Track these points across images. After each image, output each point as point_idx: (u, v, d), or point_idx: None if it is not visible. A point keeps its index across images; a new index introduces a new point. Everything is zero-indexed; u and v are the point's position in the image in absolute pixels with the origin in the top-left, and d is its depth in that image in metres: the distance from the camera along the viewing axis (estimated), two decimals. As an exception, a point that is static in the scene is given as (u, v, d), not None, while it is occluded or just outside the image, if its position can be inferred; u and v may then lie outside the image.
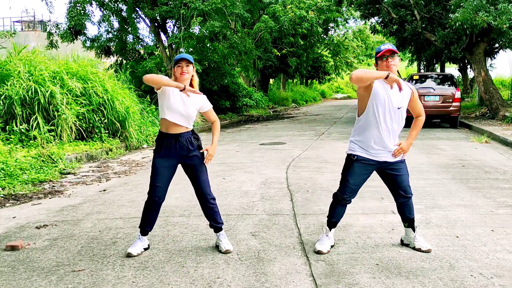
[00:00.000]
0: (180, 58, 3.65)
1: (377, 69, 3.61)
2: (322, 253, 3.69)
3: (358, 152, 3.64)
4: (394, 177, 3.70)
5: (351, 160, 3.67)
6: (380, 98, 3.51)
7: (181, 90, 3.60)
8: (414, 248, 3.74)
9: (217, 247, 3.88)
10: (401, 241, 3.92)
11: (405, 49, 21.82)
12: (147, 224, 3.82)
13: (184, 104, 3.68)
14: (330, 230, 3.86)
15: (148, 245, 3.91)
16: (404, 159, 3.76)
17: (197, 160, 3.75)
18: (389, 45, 3.54)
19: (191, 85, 3.75)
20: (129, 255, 3.71)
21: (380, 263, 3.51)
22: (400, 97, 3.56)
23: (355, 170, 3.65)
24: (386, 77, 3.41)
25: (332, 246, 3.84)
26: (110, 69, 15.39)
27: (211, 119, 3.93)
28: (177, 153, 3.70)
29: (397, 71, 3.60)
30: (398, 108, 3.56)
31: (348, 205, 3.82)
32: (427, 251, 3.69)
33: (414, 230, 3.80)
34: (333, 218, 3.83)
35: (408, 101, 3.65)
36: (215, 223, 3.88)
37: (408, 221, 3.80)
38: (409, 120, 3.67)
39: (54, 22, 16.16)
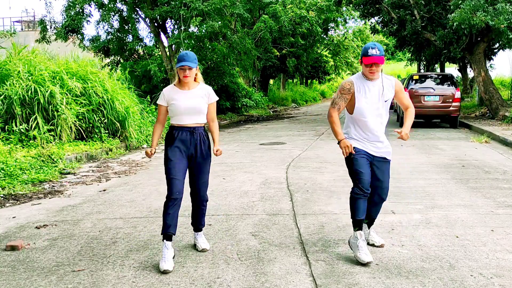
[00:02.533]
0: (183, 64, 3.59)
1: (360, 63, 3.66)
2: (372, 262, 3.48)
3: (355, 144, 3.67)
4: (377, 175, 3.70)
5: (351, 155, 3.66)
6: (367, 99, 3.59)
7: (149, 156, 3.68)
8: (368, 244, 3.82)
9: (194, 246, 3.91)
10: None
11: (404, 49, 21.83)
12: (170, 226, 3.56)
13: (192, 102, 3.66)
14: (361, 231, 3.63)
15: (174, 253, 3.66)
16: (389, 160, 3.77)
17: (205, 159, 3.73)
18: (376, 51, 3.47)
19: (195, 80, 3.77)
20: (165, 272, 3.38)
21: (380, 263, 3.51)
22: (385, 92, 3.64)
23: (360, 162, 3.63)
24: (339, 143, 3.66)
25: (368, 243, 3.83)
26: (106, 67, 15.38)
27: (211, 115, 3.83)
28: (190, 145, 3.64)
29: (381, 69, 3.63)
30: (385, 101, 3.65)
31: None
32: (380, 246, 3.82)
33: (369, 227, 3.92)
34: (359, 216, 3.61)
35: (394, 91, 3.69)
36: (199, 225, 3.90)
37: (370, 219, 3.89)
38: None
39: (52, 18, 16.09)
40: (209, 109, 3.81)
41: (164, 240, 3.57)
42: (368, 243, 3.84)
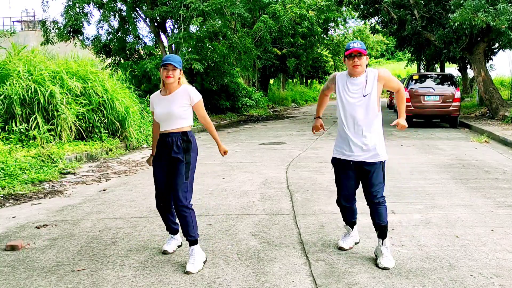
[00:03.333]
0: (166, 62, 3.50)
1: (345, 63, 3.59)
2: (344, 249, 3.75)
3: (334, 154, 3.68)
4: (366, 177, 3.55)
5: (333, 165, 3.73)
6: (346, 99, 3.54)
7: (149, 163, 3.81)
8: (377, 266, 3.44)
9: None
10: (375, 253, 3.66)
11: (404, 49, 21.82)
12: (168, 225, 3.85)
13: (166, 107, 3.57)
14: (352, 228, 3.87)
15: (181, 242, 3.94)
16: (383, 161, 3.57)
17: (179, 163, 3.53)
18: (358, 44, 3.47)
19: (178, 84, 3.61)
20: (164, 253, 3.78)
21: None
22: (368, 86, 3.47)
23: (339, 175, 3.68)
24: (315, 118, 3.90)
25: (356, 243, 3.88)
26: (107, 68, 15.39)
27: (200, 116, 3.68)
28: (166, 150, 3.59)
29: (366, 65, 3.54)
30: (364, 96, 3.47)
31: (355, 204, 3.81)
32: (384, 269, 3.37)
33: (383, 240, 3.52)
34: (347, 220, 3.85)
35: (377, 84, 3.50)
36: (187, 236, 3.51)
37: (379, 228, 3.53)
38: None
39: (53, 19, 16.13)
40: (196, 110, 3.65)
41: (171, 235, 3.89)
42: (377, 265, 3.44)
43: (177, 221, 3.73)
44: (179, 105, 3.55)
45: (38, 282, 3.28)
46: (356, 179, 3.64)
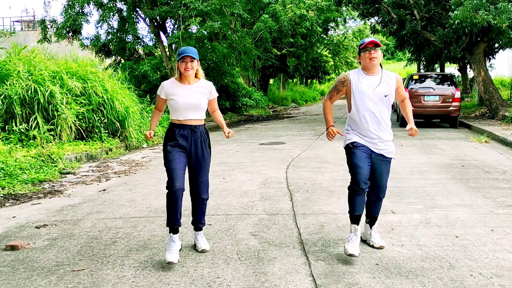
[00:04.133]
0: (184, 55, 3.58)
1: (359, 61, 3.69)
2: (355, 256, 3.48)
3: (356, 139, 3.67)
4: (375, 173, 3.70)
5: (351, 148, 3.67)
6: (364, 93, 3.59)
7: (148, 138, 3.74)
8: (368, 245, 3.83)
9: (194, 246, 3.88)
10: (360, 237, 3.90)
11: (404, 49, 21.80)
12: (175, 219, 3.61)
13: (192, 98, 3.64)
14: (357, 226, 3.67)
15: (181, 245, 3.79)
16: (391, 159, 3.78)
17: (205, 158, 3.70)
18: (372, 38, 3.59)
19: (196, 77, 3.74)
20: (170, 263, 3.44)
21: (380, 263, 3.51)
22: (385, 86, 3.62)
23: (358, 155, 3.62)
24: (327, 129, 3.75)
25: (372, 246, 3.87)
26: (108, 68, 15.40)
27: (213, 108, 3.91)
28: (192, 144, 3.63)
29: (380, 64, 3.64)
30: (385, 96, 3.61)
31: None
32: (380, 248, 3.76)
33: (371, 227, 3.88)
34: (355, 211, 3.64)
35: (395, 87, 3.69)
36: (199, 223, 3.85)
37: (371, 218, 3.87)
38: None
39: (52, 17, 16.10)
40: (211, 103, 3.86)
41: (171, 234, 3.63)
42: (368, 244, 3.84)
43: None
44: (204, 97, 3.72)
45: (38, 282, 3.28)
46: (370, 163, 3.70)
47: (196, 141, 3.65)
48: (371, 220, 3.88)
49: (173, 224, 3.63)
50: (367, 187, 3.63)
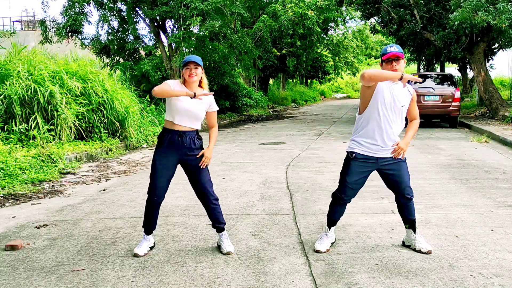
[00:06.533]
0: (188, 61, 3.59)
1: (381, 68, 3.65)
2: (321, 252, 3.70)
3: (357, 150, 3.64)
4: (393, 177, 3.67)
5: (349, 159, 3.67)
6: (385, 96, 3.53)
7: (192, 97, 3.57)
8: (415, 250, 3.72)
9: (218, 247, 3.85)
10: (403, 242, 3.90)
11: (404, 49, 21.78)
12: (149, 223, 3.80)
13: (193, 106, 3.63)
14: (330, 228, 3.86)
15: (154, 243, 3.91)
16: (405, 159, 3.73)
17: (199, 160, 3.70)
18: (395, 48, 3.52)
19: (200, 86, 3.72)
20: (136, 256, 3.69)
21: (379, 263, 3.51)
22: (404, 96, 3.60)
23: (353, 169, 3.64)
24: (401, 78, 3.47)
25: (332, 244, 3.86)
26: (106, 67, 15.38)
27: (212, 122, 3.86)
28: (179, 149, 3.64)
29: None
30: (402, 106, 3.59)
31: (348, 204, 3.82)
32: (427, 253, 3.66)
33: (414, 231, 3.77)
34: (333, 217, 3.84)
35: (410, 101, 3.66)
36: (218, 223, 3.82)
37: (409, 222, 3.78)
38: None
39: (53, 18, 16.09)
40: (210, 117, 3.83)
41: (144, 234, 3.83)
42: (415, 249, 3.73)
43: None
44: (203, 108, 3.72)
45: (38, 282, 3.28)
46: (367, 176, 3.70)
47: (185, 144, 3.64)
48: (410, 225, 3.78)
49: (147, 227, 3.82)
50: (350, 200, 3.75)
